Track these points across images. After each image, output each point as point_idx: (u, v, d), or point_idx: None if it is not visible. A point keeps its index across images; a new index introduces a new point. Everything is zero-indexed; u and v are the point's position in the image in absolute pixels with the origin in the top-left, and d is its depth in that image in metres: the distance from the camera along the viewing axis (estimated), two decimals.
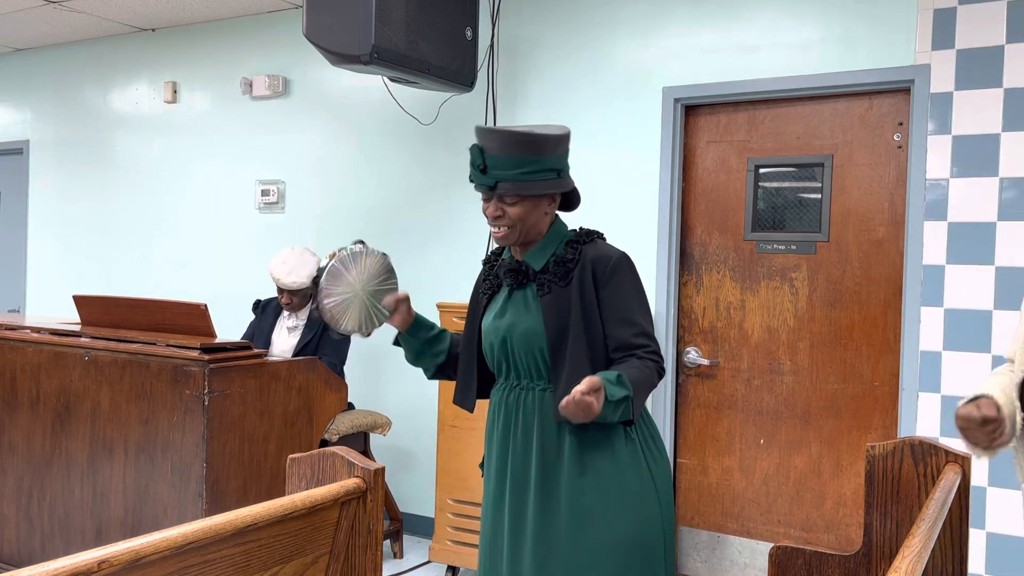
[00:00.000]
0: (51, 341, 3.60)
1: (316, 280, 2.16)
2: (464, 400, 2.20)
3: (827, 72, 3.61)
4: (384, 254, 2.28)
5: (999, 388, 1.87)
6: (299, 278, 3.97)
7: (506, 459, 2.08)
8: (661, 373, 2.02)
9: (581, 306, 2.00)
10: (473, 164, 2.02)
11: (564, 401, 1.80)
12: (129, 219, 5.64)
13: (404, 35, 3.67)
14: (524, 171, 1.99)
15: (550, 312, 2.02)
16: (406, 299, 2.17)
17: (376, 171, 4.74)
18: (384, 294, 2.22)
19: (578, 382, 1.94)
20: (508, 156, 1.98)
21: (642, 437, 2.05)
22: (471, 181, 2.07)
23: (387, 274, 2.25)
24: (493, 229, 2.06)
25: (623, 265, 2.03)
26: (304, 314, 4.12)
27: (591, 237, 2.09)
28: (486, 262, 2.26)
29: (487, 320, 2.15)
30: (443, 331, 2.27)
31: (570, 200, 2.16)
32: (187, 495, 3.24)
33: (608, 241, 2.15)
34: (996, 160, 3.32)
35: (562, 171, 2.06)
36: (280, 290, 4.05)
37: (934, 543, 1.61)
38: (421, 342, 2.22)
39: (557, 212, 2.14)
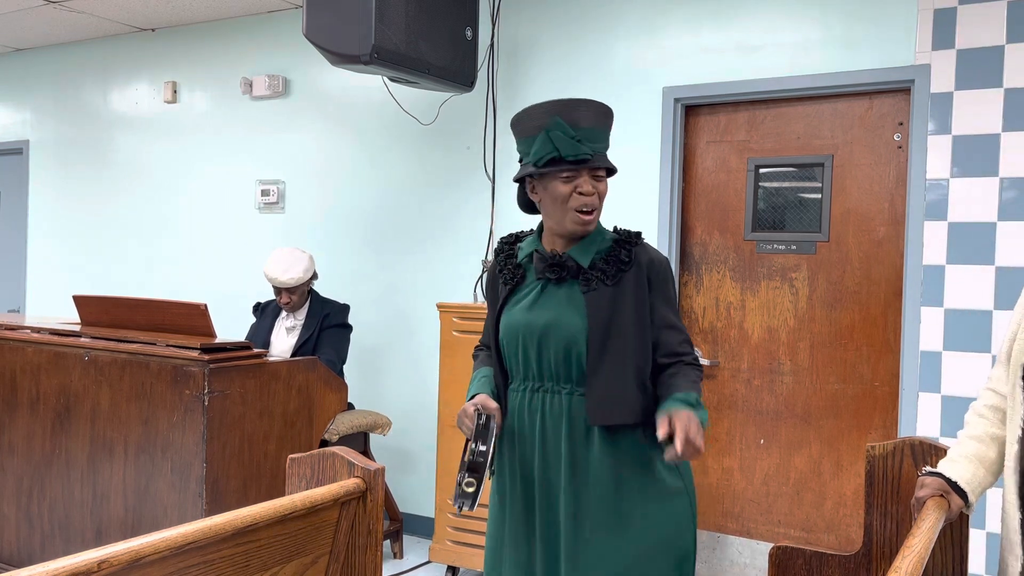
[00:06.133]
0: (51, 341, 3.60)
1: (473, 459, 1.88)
2: (497, 400, 2.07)
3: (827, 72, 3.61)
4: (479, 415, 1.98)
5: (971, 453, 1.86)
6: (295, 273, 3.98)
7: (531, 465, 1.99)
8: (702, 377, 2.01)
9: (635, 309, 1.93)
10: (567, 136, 1.89)
11: (672, 452, 1.77)
12: (129, 219, 5.64)
13: (404, 35, 3.67)
14: (607, 146, 1.97)
15: (595, 311, 1.92)
16: (497, 409, 2.00)
17: (376, 171, 4.74)
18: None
19: (617, 386, 1.89)
20: (599, 128, 1.92)
21: None
22: (545, 159, 1.91)
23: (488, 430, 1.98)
24: (583, 211, 1.93)
25: (670, 270, 2.02)
26: (302, 313, 4.13)
27: (639, 238, 2.02)
28: (498, 251, 2.15)
29: (513, 313, 2.03)
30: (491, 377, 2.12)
31: None
32: (187, 495, 3.24)
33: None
34: (996, 160, 3.32)
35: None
36: (278, 291, 4.06)
37: (934, 543, 1.61)
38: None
39: None
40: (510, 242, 2.14)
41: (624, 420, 1.91)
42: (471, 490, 1.81)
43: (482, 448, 1.86)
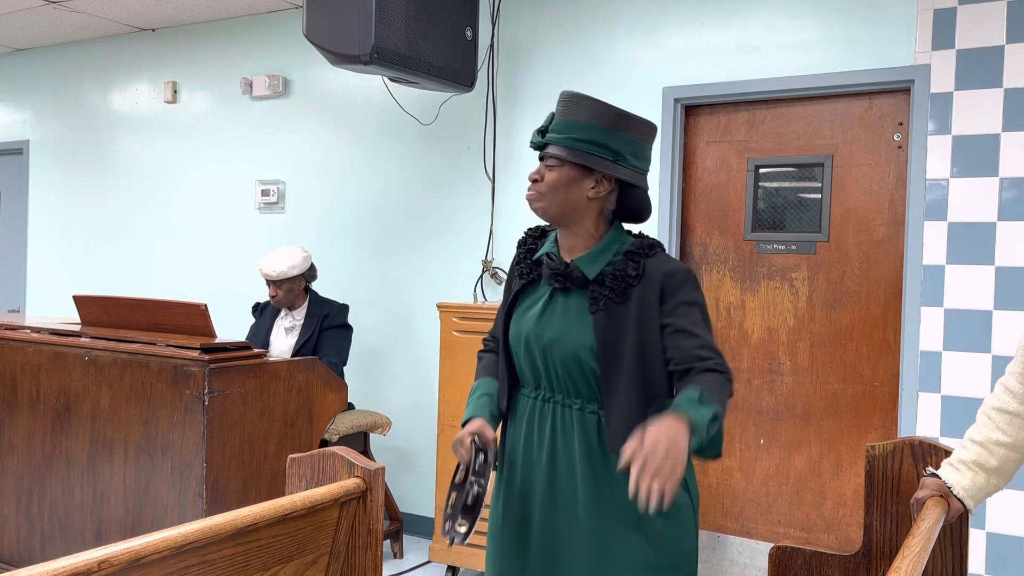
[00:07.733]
0: (51, 341, 3.60)
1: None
2: (500, 401, 2.01)
3: (827, 72, 3.61)
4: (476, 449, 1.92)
5: (971, 459, 1.87)
6: (280, 267, 3.99)
7: (535, 474, 1.92)
8: (731, 387, 1.80)
9: (639, 324, 1.82)
10: (538, 128, 1.93)
11: (632, 488, 1.58)
12: (129, 219, 5.64)
13: (404, 35, 3.67)
14: (574, 136, 1.85)
15: (603, 332, 1.83)
16: (493, 440, 1.94)
17: (376, 171, 4.74)
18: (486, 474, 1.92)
19: (633, 411, 1.80)
20: (567, 120, 1.87)
21: None
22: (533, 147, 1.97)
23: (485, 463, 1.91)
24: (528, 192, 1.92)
25: (689, 279, 1.87)
26: (301, 314, 4.13)
27: (653, 249, 1.90)
28: (521, 243, 2.06)
29: (522, 320, 1.96)
30: (494, 396, 2.04)
31: (639, 210, 1.94)
32: (187, 495, 3.24)
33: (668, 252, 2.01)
34: (996, 160, 3.32)
35: (621, 158, 1.86)
36: (267, 284, 4.09)
37: (934, 543, 1.61)
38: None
39: (622, 225, 1.95)
40: (535, 235, 2.05)
41: None
42: (463, 530, 1.76)
43: (480, 482, 1.80)
